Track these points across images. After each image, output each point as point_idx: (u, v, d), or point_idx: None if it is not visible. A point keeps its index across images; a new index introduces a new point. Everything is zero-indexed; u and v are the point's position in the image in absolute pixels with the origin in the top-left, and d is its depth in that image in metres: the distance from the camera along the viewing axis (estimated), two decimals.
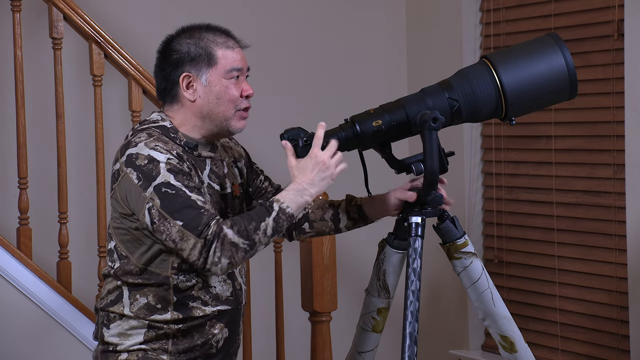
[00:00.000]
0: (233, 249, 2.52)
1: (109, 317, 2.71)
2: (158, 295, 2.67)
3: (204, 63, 2.67)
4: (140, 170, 2.58)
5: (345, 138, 2.66)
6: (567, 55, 2.66)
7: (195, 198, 2.55)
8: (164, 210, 2.54)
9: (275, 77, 4.69)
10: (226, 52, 2.69)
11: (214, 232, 2.51)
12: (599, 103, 4.17)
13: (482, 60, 2.70)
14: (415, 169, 2.68)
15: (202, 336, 2.71)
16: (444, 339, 4.86)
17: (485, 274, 2.73)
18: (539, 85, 2.66)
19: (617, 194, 4.12)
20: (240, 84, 2.70)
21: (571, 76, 2.67)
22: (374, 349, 2.83)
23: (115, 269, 2.70)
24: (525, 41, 2.77)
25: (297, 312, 4.17)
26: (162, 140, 2.64)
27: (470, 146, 4.72)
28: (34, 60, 4.21)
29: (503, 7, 4.58)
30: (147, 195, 2.56)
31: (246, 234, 2.52)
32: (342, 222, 2.86)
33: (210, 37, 2.69)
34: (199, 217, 2.52)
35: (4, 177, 4.21)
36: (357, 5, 4.94)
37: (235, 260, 2.53)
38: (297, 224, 2.91)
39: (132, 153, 2.61)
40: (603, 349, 4.21)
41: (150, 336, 2.68)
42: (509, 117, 2.69)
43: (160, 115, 2.73)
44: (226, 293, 2.73)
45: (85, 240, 4.23)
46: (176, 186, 2.56)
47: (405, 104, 2.66)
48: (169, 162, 2.59)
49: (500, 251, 4.65)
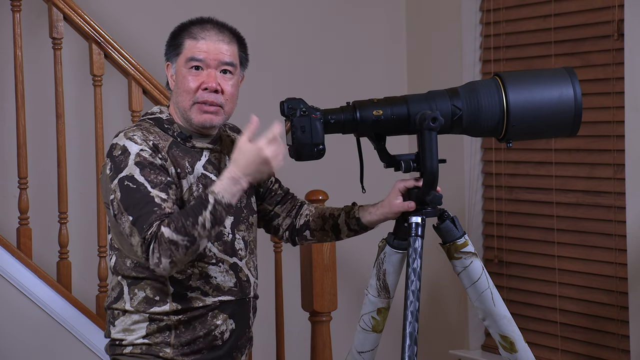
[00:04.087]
0: (172, 246, 2.49)
1: (114, 314, 2.73)
2: (155, 288, 2.67)
3: (174, 52, 2.71)
4: (113, 160, 2.62)
5: (343, 120, 2.66)
6: (577, 90, 2.67)
7: (155, 194, 2.55)
8: (122, 204, 2.56)
9: (275, 77, 4.69)
10: (192, 42, 2.69)
11: (153, 232, 2.50)
12: (599, 103, 4.17)
13: (494, 77, 2.71)
14: (404, 165, 2.68)
15: (204, 327, 2.70)
16: (444, 339, 4.86)
17: (485, 274, 2.73)
18: (543, 113, 2.67)
19: (617, 194, 4.12)
20: (200, 75, 2.68)
21: (577, 111, 2.67)
22: (374, 349, 2.83)
23: (115, 265, 2.72)
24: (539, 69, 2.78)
25: (297, 312, 4.17)
26: (147, 130, 2.66)
27: (471, 146, 4.72)
28: (34, 60, 4.21)
29: (503, 7, 4.58)
30: (112, 187, 2.60)
31: (184, 230, 2.50)
32: (343, 233, 2.86)
33: (191, 28, 2.71)
34: (148, 215, 2.52)
35: (4, 177, 4.21)
36: (357, 4, 4.94)
37: (177, 258, 2.51)
38: (298, 231, 2.90)
39: (113, 143, 2.66)
40: (603, 349, 4.21)
41: (152, 329, 2.68)
42: (506, 138, 2.70)
43: (160, 108, 2.76)
44: (229, 284, 2.72)
45: (85, 240, 4.23)
46: (139, 181, 2.57)
47: (409, 101, 2.67)
48: (140, 153, 2.60)
49: (500, 251, 4.65)
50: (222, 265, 2.71)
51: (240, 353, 2.79)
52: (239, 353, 2.79)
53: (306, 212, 2.91)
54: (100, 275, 3.99)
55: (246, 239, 2.78)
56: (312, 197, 3.82)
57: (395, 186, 2.73)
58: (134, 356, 2.70)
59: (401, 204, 2.70)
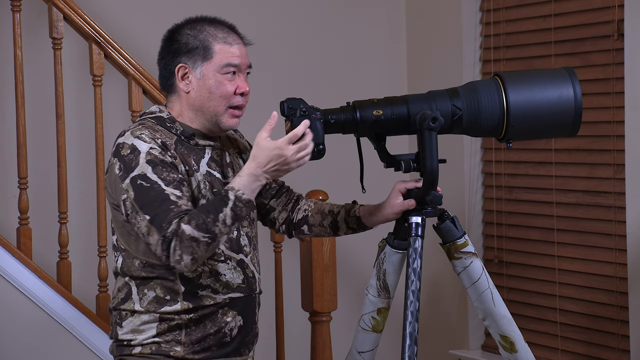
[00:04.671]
0: (193, 243, 2.51)
1: (121, 315, 2.72)
2: (165, 287, 2.67)
3: (200, 56, 2.68)
4: (122, 160, 2.60)
5: (343, 120, 2.66)
6: (577, 90, 2.67)
7: (170, 192, 2.55)
8: (136, 203, 2.56)
9: (275, 77, 4.69)
10: (224, 47, 2.69)
11: (173, 230, 2.51)
12: (599, 103, 4.17)
13: (494, 77, 2.71)
14: (404, 165, 2.68)
15: (214, 325, 2.70)
16: (444, 339, 4.86)
17: (485, 274, 2.73)
18: (543, 113, 2.67)
19: (617, 194, 4.11)
20: (235, 80, 2.70)
21: (577, 111, 2.67)
22: (374, 349, 2.83)
23: (121, 266, 2.71)
24: (539, 69, 2.78)
25: (297, 312, 4.17)
26: (152, 128, 2.65)
27: (470, 146, 4.72)
28: (34, 60, 4.21)
29: (503, 7, 4.58)
30: (123, 187, 2.59)
31: (205, 227, 2.51)
32: (341, 230, 2.86)
33: (211, 30, 2.70)
34: (166, 213, 2.52)
35: (4, 177, 4.21)
36: (357, 4, 4.94)
37: (198, 255, 2.52)
38: (296, 225, 2.91)
39: (120, 142, 2.64)
40: (603, 349, 4.21)
41: (162, 329, 2.68)
42: (506, 138, 2.70)
43: (159, 107, 2.75)
44: (237, 280, 2.72)
45: (85, 240, 4.23)
46: (152, 179, 2.56)
47: (409, 101, 2.68)
48: (150, 152, 2.59)
49: (500, 251, 4.64)
50: (230, 262, 2.72)
51: (248, 349, 2.80)
52: (246, 349, 2.79)
53: (305, 207, 2.91)
54: (100, 275, 3.99)
55: (249, 235, 2.79)
56: (312, 197, 3.82)
57: (395, 187, 2.74)
58: (143, 356, 2.69)
59: (402, 203, 2.71)
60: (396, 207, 2.72)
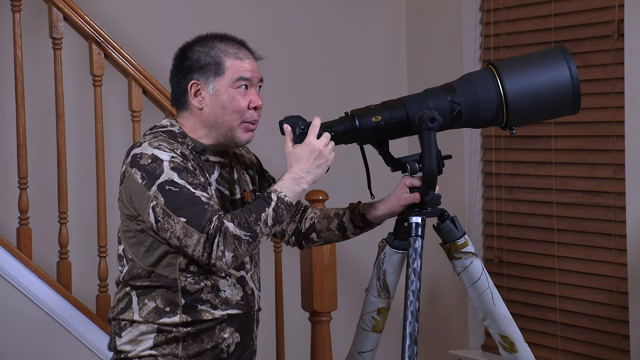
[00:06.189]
0: (236, 241, 2.53)
1: (120, 325, 2.72)
2: (166, 298, 2.67)
3: (212, 72, 2.68)
4: (144, 169, 2.60)
5: (343, 131, 2.67)
6: (572, 69, 2.66)
7: (199, 194, 2.57)
8: (168, 208, 2.56)
9: (275, 77, 4.68)
10: (235, 62, 2.69)
11: (216, 226, 2.52)
12: (599, 103, 4.17)
13: (488, 67, 2.70)
14: (410, 167, 2.69)
15: (212, 340, 2.70)
16: (444, 339, 4.86)
17: (485, 274, 2.73)
18: (541, 96, 2.66)
19: (617, 194, 4.12)
20: (247, 94, 2.70)
21: (575, 89, 2.66)
22: (374, 349, 2.83)
23: (124, 275, 2.71)
24: (532, 52, 2.77)
25: (297, 312, 4.17)
26: (167, 140, 2.66)
27: (470, 146, 4.72)
28: (34, 60, 4.21)
29: (503, 7, 4.58)
30: (151, 194, 2.58)
31: (247, 225, 2.54)
32: (349, 231, 2.87)
33: (222, 46, 2.70)
34: (202, 213, 2.54)
35: (4, 177, 4.21)
36: (357, 5, 4.94)
37: (239, 253, 2.54)
38: (305, 234, 2.91)
39: (137, 153, 2.63)
40: (603, 349, 4.21)
41: (159, 340, 2.68)
42: (509, 125, 2.70)
43: (170, 121, 2.75)
44: (236, 297, 2.73)
45: (85, 240, 4.23)
46: (180, 184, 2.57)
47: (407, 103, 2.67)
48: (172, 160, 2.60)
49: (500, 251, 4.65)
50: (230, 278, 2.72)
51: None
52: None
53: (311, 215, 2.92)
54: (100, 275, 3.99)
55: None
56: (312, 197, 3.82)
57: (401, 181, 2.76)
58: None
59: (408, 196, 2.72)
60: (402, 200, 2.73)
